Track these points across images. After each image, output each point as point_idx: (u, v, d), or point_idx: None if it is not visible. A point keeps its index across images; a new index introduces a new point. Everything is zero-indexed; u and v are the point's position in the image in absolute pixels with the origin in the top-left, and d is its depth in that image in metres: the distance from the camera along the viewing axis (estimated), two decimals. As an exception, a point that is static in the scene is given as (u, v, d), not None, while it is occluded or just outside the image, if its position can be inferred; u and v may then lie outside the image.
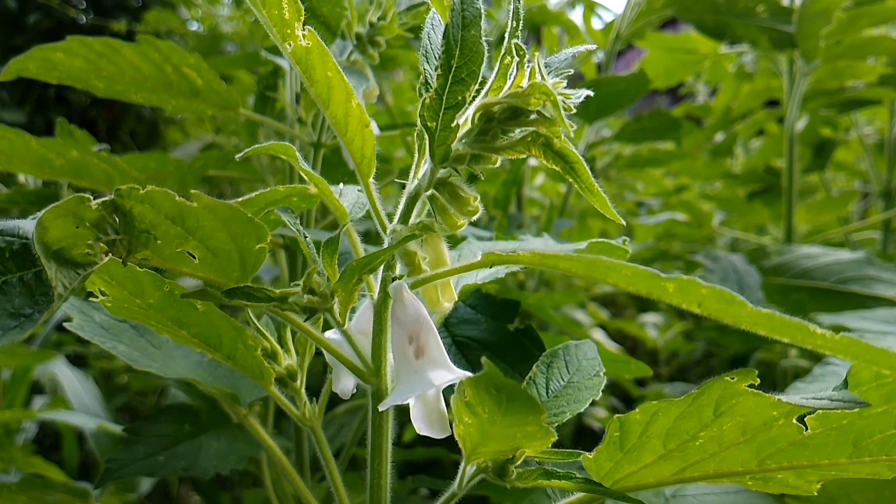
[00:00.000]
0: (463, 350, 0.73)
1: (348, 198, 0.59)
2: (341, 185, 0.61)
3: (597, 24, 2.23)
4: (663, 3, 1.73)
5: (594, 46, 0.50)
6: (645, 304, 2.79)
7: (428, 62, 0.51)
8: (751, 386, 0.42)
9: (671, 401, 0.44)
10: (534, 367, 0.63)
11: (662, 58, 2.23)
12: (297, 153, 0.55)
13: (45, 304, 0.41)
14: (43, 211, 0.40)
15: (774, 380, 2.22)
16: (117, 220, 0.42)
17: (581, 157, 0.43)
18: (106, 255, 0.43)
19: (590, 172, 0.43)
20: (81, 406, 1.62)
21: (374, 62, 0.99)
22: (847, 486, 0.65)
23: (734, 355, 2.14)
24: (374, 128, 1.02)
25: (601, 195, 0.44)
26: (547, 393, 0.61)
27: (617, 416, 0.46)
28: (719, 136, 2.51)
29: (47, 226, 0.40)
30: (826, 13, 1.54)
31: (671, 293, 0.39)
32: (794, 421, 0.46)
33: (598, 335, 2.26)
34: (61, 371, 1.68)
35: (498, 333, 0.73)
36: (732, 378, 0.42)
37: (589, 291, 2.41)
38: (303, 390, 0.61)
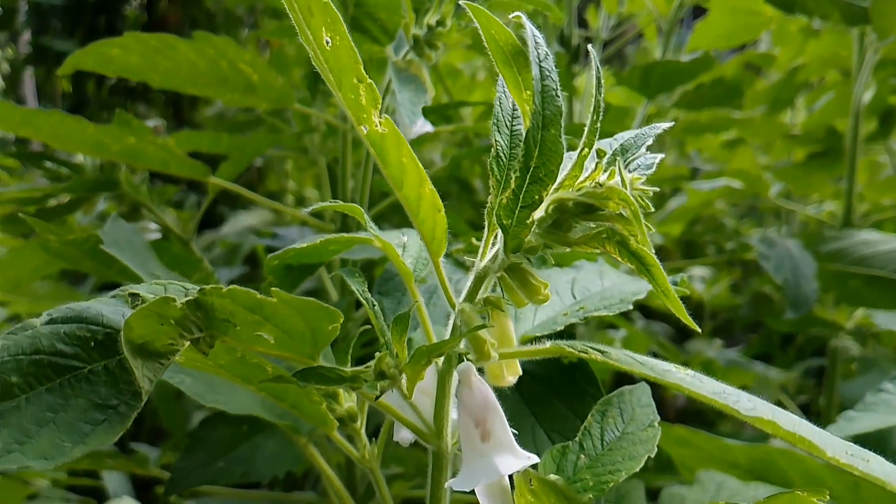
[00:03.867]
0: (516, 381, 0.74)
1: (411, 252, 0.59)
2: (405, 237, 0.61)
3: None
4: (731, -27, 1.65)
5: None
6: (693, 253, 2.75)
7: (499, 131, 0.50)
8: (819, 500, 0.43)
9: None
10: (588, 416, 0.63)
11: (725, 19, 2.13)
12: (366, 214, 0.55)
13: (128, 395, 0.43)
14: (131, 313, 0.41)
15: (819, 350, 2.20)
16: (199, 315, 0.43)
17: (658, 262, 0.43)
18: (186, 342, 0.44)
19: (665, 276, 0.43)
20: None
21: (430, 63, 0.97)
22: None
23: (784, 334, 2.12)
24: (427, 126, 1.01)
25: (677, 300, 0.43)
26: (602, 445, 0.62)
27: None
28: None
29: (133, 325, 0.41)
30: (907, -9, 1.45)
31: (743, 416, 0.39)
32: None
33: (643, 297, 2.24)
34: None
35: (551, 367, 0.73)
36: (803, 492, 0.42)
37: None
38: (362, 431, 0.63)
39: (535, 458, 0.48)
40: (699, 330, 0.43)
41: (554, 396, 0.71)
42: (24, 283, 1.33)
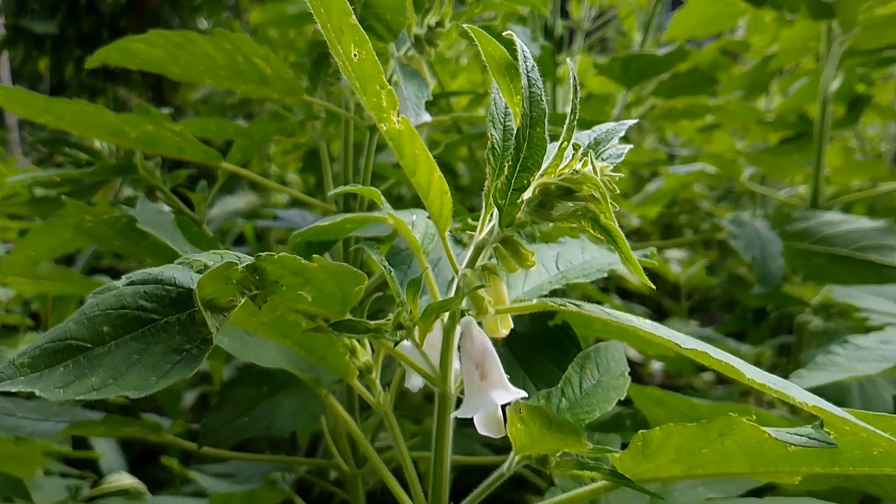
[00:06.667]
0: (509, 341, 0.85)
1: (419, 229, 0.69)
2: (414, 215, 0.71)
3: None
4: (706, -31, 1.75)
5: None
6: (671, 234, 2.85)
7: (494, 127, 0.60)
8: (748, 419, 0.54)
9: (685, 425, 0.56)
10: (569, 367, 0.75)
11: (703, 7, 2.24)
12: (383, 198, 0.66)
13: (198, 341, 0.54)
14: (202, 275, 0.51)
15: (791, 328, 2.32)
16: (256, 277, 0.53)
17: (622, 233, 0.53)
18: (243, 298, 0.55)
19: (628, 244, 0.54)
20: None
21: (430, 59, 1.07)
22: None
23: (755, 308, 2.24)
24: (427, 116, 1.11)
25: (638, 266, 0.54)
26: (580, 391, 0.73)
27: (641, 431, 0.58)
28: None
29: (205, 285, 0.52)
30: (867, -12, 1.56)
31: (682, 350, 0.50)
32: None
33: (620, 269, 2.34)
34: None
35: (539, 328, 0.84)
36: (735, 413, 0.54)
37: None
38: (377, 381, 0.74)
39: (524, 393, 0.59)
40: (653, 287, 0.54)
41: (541, 354, 0.83)
42: (41, 263, 1.42)
